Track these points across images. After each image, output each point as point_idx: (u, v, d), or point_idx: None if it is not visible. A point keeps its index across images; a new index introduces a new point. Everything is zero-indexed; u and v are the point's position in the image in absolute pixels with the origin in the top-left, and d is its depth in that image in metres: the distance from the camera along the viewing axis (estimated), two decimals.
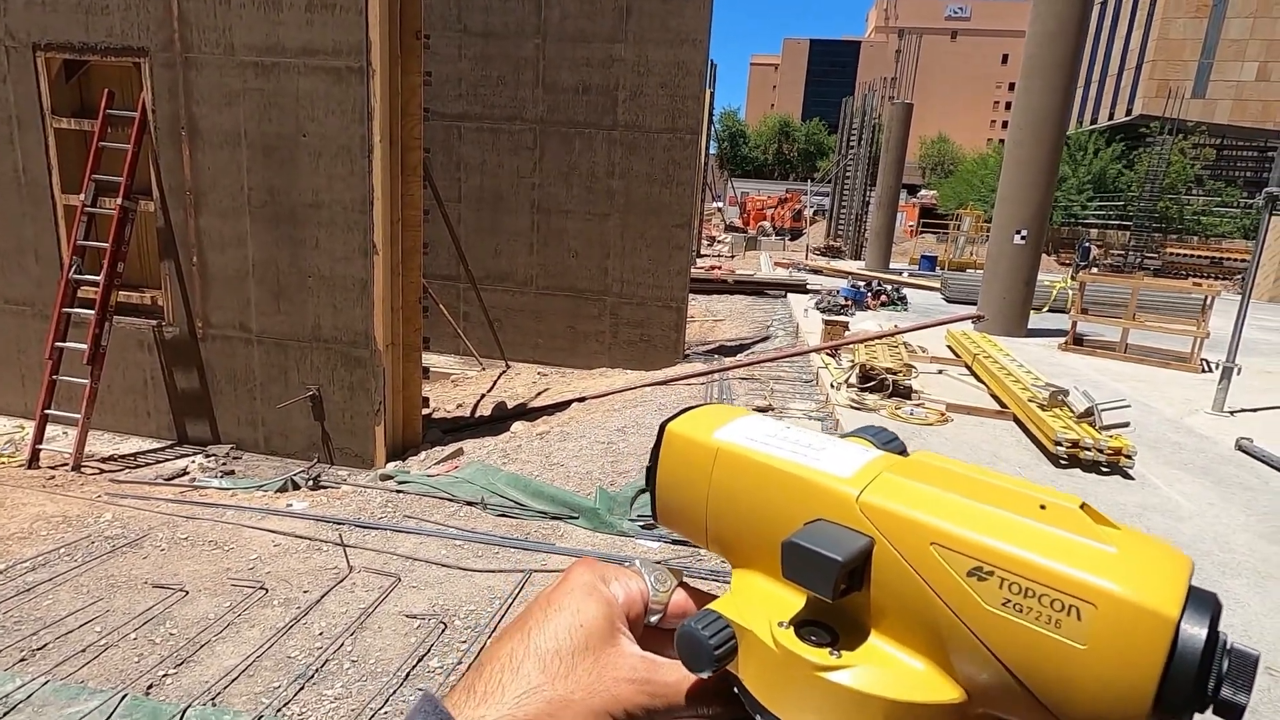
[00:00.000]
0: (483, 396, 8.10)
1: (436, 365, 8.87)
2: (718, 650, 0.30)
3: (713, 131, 27.63)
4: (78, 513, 4.19)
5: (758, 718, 0.31)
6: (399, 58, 5.36)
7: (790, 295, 14.86)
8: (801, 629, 0.30)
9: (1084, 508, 0.27)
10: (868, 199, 23.43)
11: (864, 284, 14.71)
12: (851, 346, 8.13)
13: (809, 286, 15.59)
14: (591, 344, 9.17)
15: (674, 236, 8.80)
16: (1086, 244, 24.16)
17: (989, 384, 7.28)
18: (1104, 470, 5.27)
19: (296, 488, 4.86)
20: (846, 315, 11.10)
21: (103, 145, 5.46)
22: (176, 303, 5.81)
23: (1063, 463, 5.29)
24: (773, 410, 6.78)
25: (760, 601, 0.32)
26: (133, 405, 6.08)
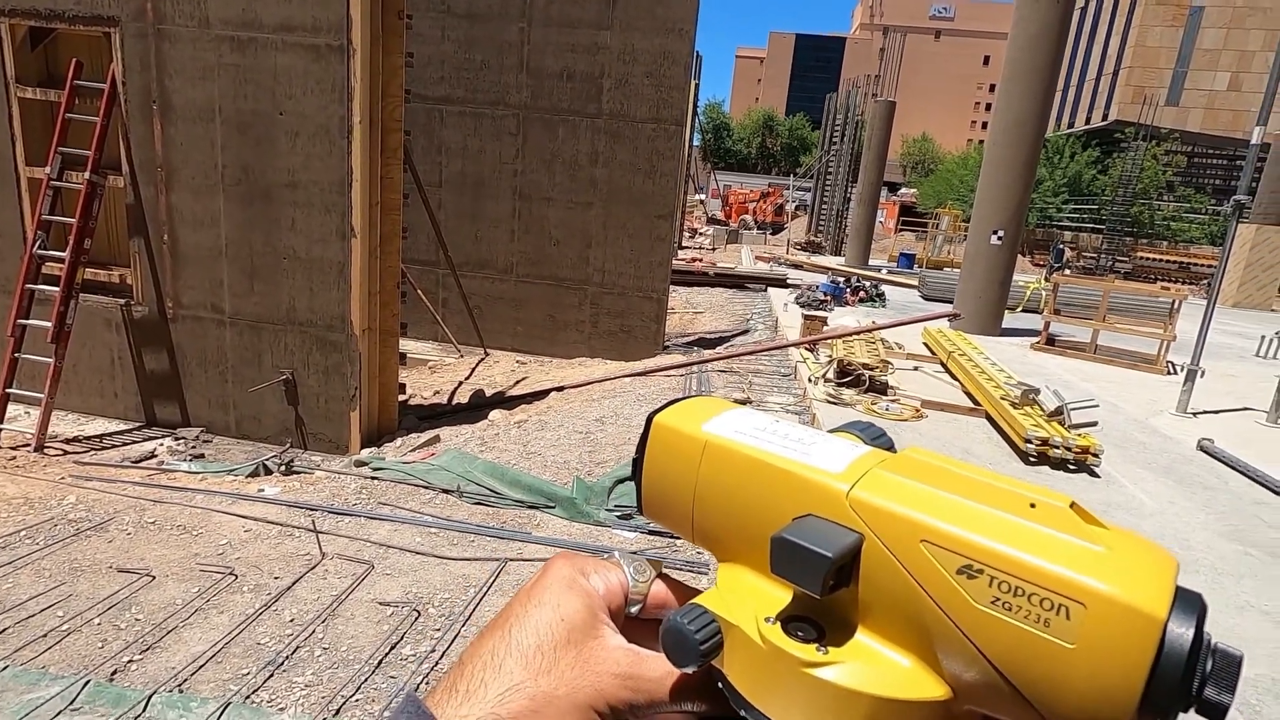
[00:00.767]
0: (460, 384, 8.03)
1: (414, 351, 8.78)
2: (704, 645, 0.30)
3: (697, 123, 27.58)
4: (40, 495, 4.08)
5: (743, 713, 0.30)
6: (380, 37, 5.25)
7: (770, 289, 14.93)
8: (788, 625, 0.30)
9: (1073, 507, 0.27)
10: (849, 195, 23.58)
11: (843, 280, 14.83)
12: (830, 342, 8.19)
13: (789, 281, 15.68)
14: (571, 333, 9.14)
15: (656, 227, 8.78)
16: (1060, 246, 24.59)
17: (963, 381, 7.40)
18: (1071, 468, 5.39)
19: (269, 473, 4.78)
20: (826, 310, 11.18)
21: (70, 117, 5.29)
22: (146, 281, 5.67)
23: (1032, 460, 5.40)
24: (751, 403, 6.82)
25: (746, 596, 0.32)
26: (99, 385, 5.93)
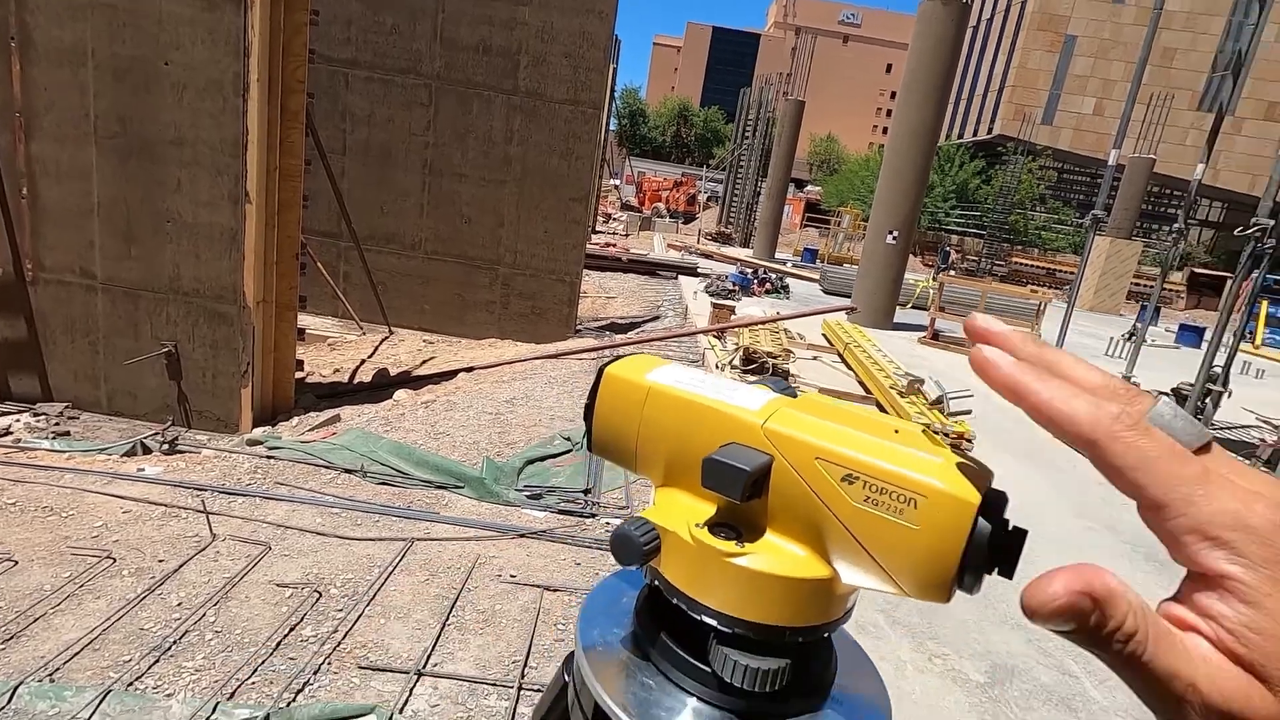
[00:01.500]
0: (363, 362, 7.73)
1: (312, 327, 8.35)
2: (646, 547, 0.37)
3: (614, 107, 27.49)
4: None
5: (674, 600, 0.39)
6: None
7: (681, 277, 15.21)
8: (714, 529, 0.39)
9: (924, 431, 0.37)
10: (759, 189, 24.31)
11: (751, 271, 15.33)
12: (737, 330, 8.49)
13: (699, 270, 16.03)
14: (481, 313, 8.98)
15: (571, 210, 8.75)
16: (947, 248, 26.44)
17: (857, 371, 7.88)
18: None
19: (148, 451, 4.45)
20: (734, 300, 11.54)
21: None
22: (0, 239, 5.09)
23: None
24: None
25: (680, 510, 0.40)
26: None
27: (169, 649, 2.56)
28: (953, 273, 21.99)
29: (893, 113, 12.05)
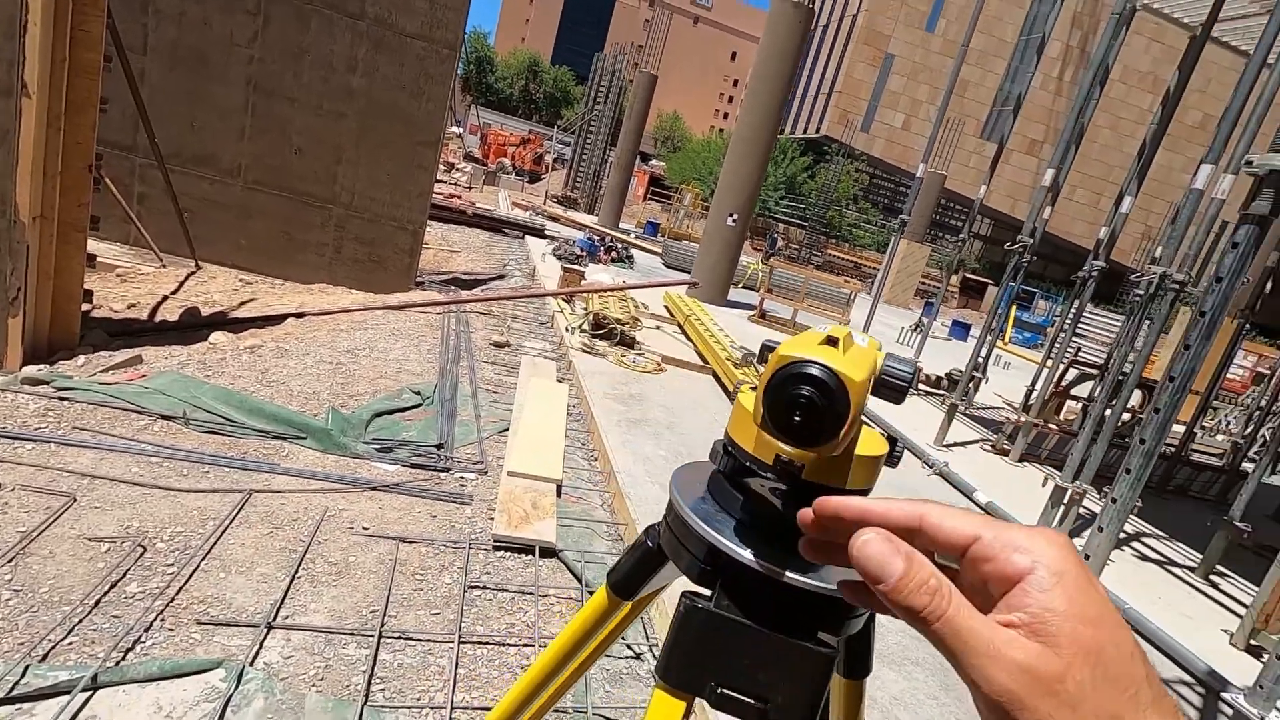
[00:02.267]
0: (165, 298, 6.80)
1: (100, 255, 7.16)
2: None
3: (462, 51, 25.96)
4: None
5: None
6: None
7: (529, 238, 15.00)
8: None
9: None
10: (607, 157, 24.43)
11: (598, 239, 15.50)
12: (586, 295, 8.63)
13: (547, 232, 15.90)
14: (310, 255, 8.25)
15: (419, 155, 8.29)
16: (775, 235, 28.53)
17: (696, 342, 8.40)
18: None
19: None
20: (582, 265, 11.65)
21: None
22: None
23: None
24: (510, 346, 6.95)
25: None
26: None
27: None
28: (779, 258, 23.85)
29: (743, 101, 12.71)
